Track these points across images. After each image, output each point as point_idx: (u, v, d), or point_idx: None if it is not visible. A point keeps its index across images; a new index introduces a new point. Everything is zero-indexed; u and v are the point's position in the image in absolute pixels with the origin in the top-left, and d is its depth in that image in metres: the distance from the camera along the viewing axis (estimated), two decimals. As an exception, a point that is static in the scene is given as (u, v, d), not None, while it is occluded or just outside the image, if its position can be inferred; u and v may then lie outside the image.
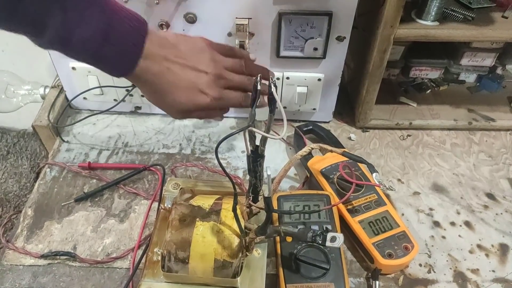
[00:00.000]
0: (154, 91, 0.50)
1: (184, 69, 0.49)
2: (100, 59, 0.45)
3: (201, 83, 0.50)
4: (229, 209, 0.51)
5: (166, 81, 0.49)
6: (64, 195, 0.67)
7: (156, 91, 0.50)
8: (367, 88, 0.72)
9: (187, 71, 0.49)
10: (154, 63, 0.47)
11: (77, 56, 0.44)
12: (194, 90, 0.50)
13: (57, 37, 0.42)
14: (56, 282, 0.56)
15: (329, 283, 0.52)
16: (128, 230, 0.62)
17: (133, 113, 0.81)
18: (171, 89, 0.49)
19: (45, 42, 0.42)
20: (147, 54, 0.46)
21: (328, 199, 0.60)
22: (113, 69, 0.47)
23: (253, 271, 0.53)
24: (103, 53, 0.44)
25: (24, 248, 0.59)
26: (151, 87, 0.49)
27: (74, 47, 0.43)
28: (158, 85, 0.49)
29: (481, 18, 0.67)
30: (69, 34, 0.41)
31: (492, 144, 0.78)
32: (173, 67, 0.48)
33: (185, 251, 0.49)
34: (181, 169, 0.71)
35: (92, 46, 0.43)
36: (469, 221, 0.65)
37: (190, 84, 0.50)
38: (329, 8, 0.63)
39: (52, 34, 0.41)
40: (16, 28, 0.42)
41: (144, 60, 0.46)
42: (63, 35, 0.41)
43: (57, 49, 0.43)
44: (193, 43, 0.52)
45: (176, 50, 0.49)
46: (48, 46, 0.43)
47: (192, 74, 0.50)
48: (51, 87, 0.82)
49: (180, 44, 0.50)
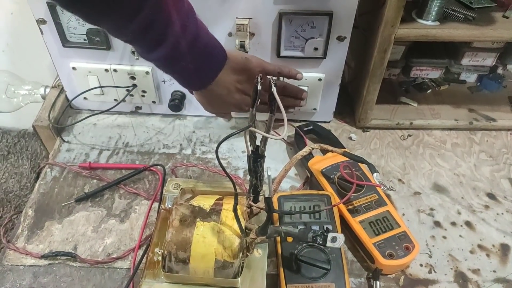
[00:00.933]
0: (208, 103, 0.63)
1: (237, 92, 0.61)
2: (185, 78, 0.57)
3: (243, 104, 0.63)
4: (229, 209, 0.51)
5: (221, 101, 0.62)
6: (65, 195, 0.67)
7: (210, 103, 0.63)
8: (367, 88, 0.72)
9: (238, 94, 0.62)
10: (218, 88, 0.58)
11: (168, 70, 0.55)
12: (236, 108, 0.64)
13: (167, 56, 0.51)
14: (57, 283, 0.56)
15: (330, 283, 0.52)
16: (129, 230, 0.62)
17: (134, 113, 0.81)
18: (222, 105, 0.63)
19: (154, 56, 0.51)
20: (217, 81, 0.57)
21: (329, 199, 0.60)
22: (188, 86, 0.60)
23: (254, 271, 0.52)
24: (191, 73, 0.55)
25: (24, 248, 0.60)
26: (207, 100, 0.62)
27: (174, 65, 0.53)
28: (214, 101, 0.62)
29: (482, 18, 0.67)
30: (178, 55, 0.51)
31: (493, 144, 0.78)
32: (230, 92, 0.61)
33: (186, 251, 0.49)
34: (181, 169, 0.71)
35: (188, 66, 0.53)
36: (470, 221, 0.65)
37: (235, 103, 0.63)
38: (330, 8, 0.63)
39: (164, 52, 0.50)
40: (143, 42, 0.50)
41: (213, 85, 0.58)
42: (175, 55, 0.51)
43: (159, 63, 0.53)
44: (253, 70, 0.62)
45: (238, 76, 0.60)
46: (153, 59, 0.52)
47: (241, 97, 0.62)
48: (52, 87, 0.82)
49: (244, 71, 0.61)
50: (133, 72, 0.73)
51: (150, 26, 0.47)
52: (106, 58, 0.72)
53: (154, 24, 0.47)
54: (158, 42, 0.49)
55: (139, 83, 0.75)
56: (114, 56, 0.72)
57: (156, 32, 0.48)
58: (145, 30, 0.47)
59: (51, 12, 0.66)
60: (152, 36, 0.48)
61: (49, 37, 0.70)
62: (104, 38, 0.69)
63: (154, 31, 0.48)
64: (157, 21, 0.47)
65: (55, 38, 0.70)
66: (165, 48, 0.49)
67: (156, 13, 0.46)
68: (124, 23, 0.46)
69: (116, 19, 0.45)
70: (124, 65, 0.73)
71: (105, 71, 0.73)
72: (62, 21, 0.67)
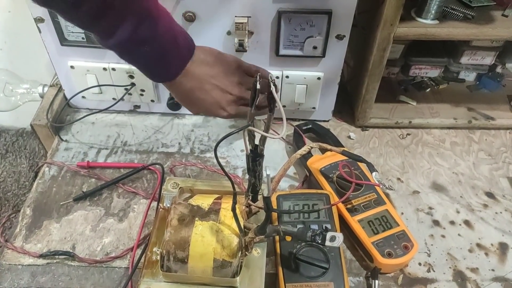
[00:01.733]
0: (181, 99, 0.59)
1: (214, 89, 0.57)
2: (148, 66, 0.53)
3: (224, 102, 0.58)
4: (228, 208, 0.51)
5: (195, 96, 0.57)
6: (63, 194, 0.67)
7: (183, 100, 0.59)
8: (366, 86, 0.72)
9: (215, 91, 0.57)
10: (190, 80, 0.54)
11: (130, 58, 0.51)
12: (216, 106, 0.58)
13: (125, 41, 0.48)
14: (55, 282, 0.56)
15: (329, 282, 0.52)
16: (127, 229, 0.62)
17: (132, 112, 0.81)
18: (197, 102, 0.58)
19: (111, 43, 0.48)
20: (186, 72, 0.54)
21: (328, 198, 0.60)
22: (154, 76, 0.55)
23: (253, 271, 0.52)
24: (154, 61, 0.51)
25: (22, 247, 0.59)
26: (181, 95, 0.58)
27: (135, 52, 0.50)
28: (186, 97, 0.57)
29: (481, 17, 0.67)
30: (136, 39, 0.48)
31: (491, 142, 0.78)
32: (204, 86, 0.56)
33: (184, 250, 0.49)
34: (180, 168, 0.71)
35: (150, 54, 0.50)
36: (469, 220, 0.65)
37: (214, 101, 0.58)
38: (329, 6, 0.63)
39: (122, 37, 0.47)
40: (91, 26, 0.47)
41: (182, 77, 0.54)
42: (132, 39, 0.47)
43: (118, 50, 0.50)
44: (228, 64, 0.59)
45: (212, 70, 0.56)
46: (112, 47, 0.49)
47: (219, 93, 0.57)
48: (50, 86, 0.82)
49: (216, 65, 0.57)
50: (132, 70, 0.73)
51: (104, 9, 0.44)
52: (104, 56, 0.72)
53: (109, 7, 0.44)
54: (116, 25, 0.46)
55: (138, 81, 0.74)
56: (112, 55, 0.70)
57: (111, 16, 0.45)
58: (101, 12, 0.44)
59: (49, 11, 0.65)
60: (109, 20, 0.45)
61: (47, 36, 0.70)
62: (102, 37, 0.68)
63: (109, 15, 0.45)
64: (112, 3, 0.44)
65: (53, 36, 0.69)
66: (124, 32, 0.46)
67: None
68: (77, 2, 0.43)
69: (63, 4, 0.43)
70: (123, 63, 0.72)
71: (104, 69, 0.73)
72: (60, 19, 0.67)
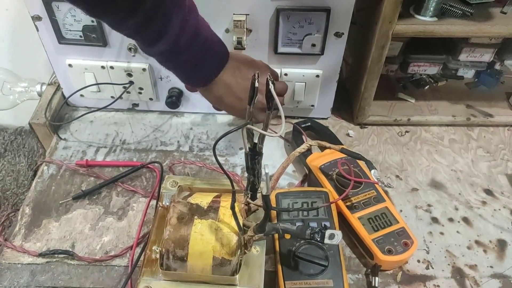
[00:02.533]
0: (213, 103, 0.62)
1: (240, 100, 0.58)
2: (185, 73, 0.56)
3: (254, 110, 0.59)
4: (227, 206, 0.51)
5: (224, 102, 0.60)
6: (62, 193, 0.66)
7: (215, 103, 0.62)
8: (365, 84, 0.72)
9: (242, 102, 0.58)
10: (220, 88, 0.57)
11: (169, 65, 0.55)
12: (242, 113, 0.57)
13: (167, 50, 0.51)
14: (55, 281, 0.56)
15: (328, 280, 0.52)
16: (127, 228, 0.62)
17: (131, 110, 0.81)
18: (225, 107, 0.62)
19: (154, 51, 0.52)
20: (219, 80, 0.56)
21: (327, 196, 0.60)
22: (188, 82, 0.59)
23: (252, 269, 0.52)
24: (190, 69, 0.55)
25: (22, 246, 0.59)
26: (211, 100, 0.61)
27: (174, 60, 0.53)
28: (216, 102, 0.61)
29: (479, 14, 0.66)
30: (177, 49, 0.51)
31: (490, 140, 0.78)
32: (235, 94, 0.58)
33: (184, 249, 0.49)
34: (179, 166, 0.71)
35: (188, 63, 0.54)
36: (467, 217, 0.65)
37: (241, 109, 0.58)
38: (327, 4, 0.63)
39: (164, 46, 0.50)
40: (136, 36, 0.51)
41: (213, 84, 0.57)
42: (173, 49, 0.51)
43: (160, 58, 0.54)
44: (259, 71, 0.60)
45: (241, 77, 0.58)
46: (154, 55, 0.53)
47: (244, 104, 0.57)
48: (48, 84, 0.82)
49: (248, 73, 0.58)
50: (130, 69, 0.73)
51: (151, 20, 0.47)
52: (102, 55, 0.71)
53: (155, 18, 0.47)
54: (159, 36, 0.49)
55: (136, 80, 0.74)
56: (110, 53, 0.71)
57: (157, 26, 0.48)
58: (146, 24, 0.47)
59: (47, 9, 0.65)
60: (154, 30, 0.48)
61: (44, 34, 0.69)
62: (100, 35, 0.68)
63: (155, 25, 0.48)
64: (158, 14, 0.47)
65: (50, 35, 0.69)
66: (166, 42, 0.50)
67: (157, 7, 0.46)
68: (126, 16, 0.46)
69: (117, 12, 0.46)
70: (121, 62, 0.72)
71: (102, 68, 0.73)
72: (57, 17, 0.67)
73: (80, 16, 0.66)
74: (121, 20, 0.47)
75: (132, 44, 0.70)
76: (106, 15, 0.47)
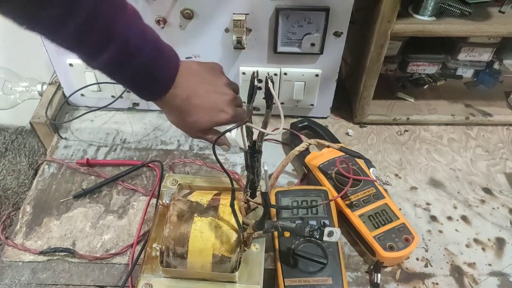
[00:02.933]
0: (180, 112, 0.55)
1: (208, 93, 0.55)
2: (138, 86, 0.52)
3: (222, 103, 0.56)
4: (227, 204, 0.51)
5: (193, 104, 0.54)
6: (63, 191, 0.67)
7: (182, 113, 0.55)
8: (364, 83, 0.73)
9: (211, 94, 0.56)
10: (183, 91, 0.53)
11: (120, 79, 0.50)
12: (216, 110, 0.56)
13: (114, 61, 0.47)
14: (56, 278, 0.56)
15: (327, 278, 0.53)
16: (127, 226, 0.62)
17: (131, 109, 0.81)
18: (196, 110, 0.55)
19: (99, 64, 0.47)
20: (178, 83, 0.52)
21: (326, 194, 0.61)
22: (146, 95, 0.53)
23: (251, 266, 0.53)
24: (143, 81, 0.51)
25: (23, 244, 0.60)
26: (177, 110, 0.55)
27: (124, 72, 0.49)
28: (184, 107, 0.55)
29: (478, 13, 0.67)
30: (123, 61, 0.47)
31: (489, 139, 0.78)
32: (199, 91, 0.55)
33: (184, 246, 0.49)
34: (179, 165, 0.71)
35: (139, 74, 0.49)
36: (466, 215, 0.65)
37: (213, 105, 0.56)
38: (326, 3, 0.63)
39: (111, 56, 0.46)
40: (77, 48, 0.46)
41: (174, 89, 0.52)
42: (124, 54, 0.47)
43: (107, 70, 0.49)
44: (212, 68, 0.58)
45: (200, 76, 0.56)
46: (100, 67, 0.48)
47: (214, 96, 0.56)
48: (49, 84, 0.82)
49: (202, 71, 0.56)
50: (130, 68, 0.73)
51: (93, 22, 0.43)
52: (103, 54, 0.72)
53: (97, 19, 0.43)
54: (105, 41, 0.45)
55: (136, 79, 0.75)
56: (111, 53, 0.72)
57: (101, 28, 0.44)
58: (88, 27, 0.43)
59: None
60: (98, 34, 0.44)
61: (45, 34, 0.70)
62: (100, 35, 0.68)
63: (98, 28, 0.44)
64: (100, 15, 0.43)
65: (51, 34, 0.69)
66: (114, 48, 0.45)
67: (97, 7, 0.43)
68: (63, 19, 0.42)
69: (53, 14, 0.41)
70: (121, 61, 0.73)
71: (102, 67, 0.73)
72: (58, 17, 0.67)
73: (80, 15, 0.67)
74: (59, 24, 0.42)
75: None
76: (37, 24, 0.42)
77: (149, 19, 0.66)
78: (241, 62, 0.72)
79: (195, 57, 0.71)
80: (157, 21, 0.66)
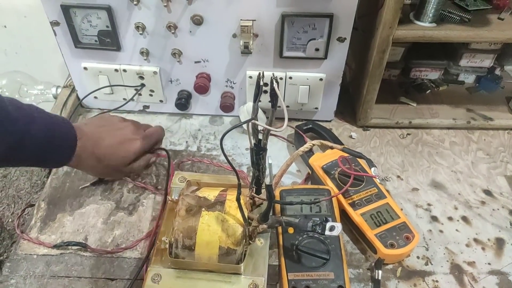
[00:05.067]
0: (98, 160, 0.61)
1: (110, 131, 0.63)
2: (46, 161, 0.57)
3: (127, 134, 0.64)
4: (233, 200, 0.53)
5: (104, 147, 0.61)
6: (76, 189, 0.69)
7: (100, 159, 0.61)
8: (367, 87, 0.75)
9: (112, 132, 0.63)
10: (87, 140, 0.59)
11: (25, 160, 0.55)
12: (126, 141, 0.63)
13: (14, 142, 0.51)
14: (68, 271, 0.59)
15: (329, 272, 0.54)
16: (137, 222, 0.65)
17: (142, 112, 0.84)
18: (109, 151, 0.62)
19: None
20: (81, 134, 0.58)
21: (329, 193, 0.63)
22: (55, 164, 0.62)
23: (256, 259, 0.55)
24: (49, 157, 0.56)
25: (38, 238, 0.62)
26: (93, 159, 0.61)
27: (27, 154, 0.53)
28: (97, 153, 0.61)
29: (477, 20, 0.69)
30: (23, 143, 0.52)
31: (490, 142, 0.80)
32: (101, 135, 0.62)
33: (192, 238, 0.51)
34: (187, 164, 0.74)
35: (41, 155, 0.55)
36: (466, 216, 0.67)
37: (121, 139, 0.63)
38: (330, 10, 0.66)
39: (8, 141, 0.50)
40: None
41: (81, 141, 0.58)
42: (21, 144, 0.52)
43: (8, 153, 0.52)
44: (100, 117, 0.66)
45: (97, 124, 0.63)
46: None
47: (117, 132, 0.64)
48: (63, 87, 0.85)
49: (98, 119, 0.65)
50: (142, 72, 0.76)
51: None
52: (116, 58, 0.75)
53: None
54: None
55: (147, 82, 0.78)
56: (123, 57, 0.75)
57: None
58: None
59: (65, 15, 0.69)
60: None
61: (62, 39, 0.73)
62: (114, 39, 0.72)
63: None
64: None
65: (67, 39, 0.73)
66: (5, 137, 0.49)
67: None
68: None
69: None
70: (133, 65, 0.76)
71: (115, 71, 0.76)
72: (74, 23, 0.70)
73: (95, 21, 0.70)
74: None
75: (144, 48, 0.73)
76: None
77: (159, 25, 0.69)
78: (248, 66, 0.74)
79: (204, 62, 0.74)
80: (168, 27, 0.69)
